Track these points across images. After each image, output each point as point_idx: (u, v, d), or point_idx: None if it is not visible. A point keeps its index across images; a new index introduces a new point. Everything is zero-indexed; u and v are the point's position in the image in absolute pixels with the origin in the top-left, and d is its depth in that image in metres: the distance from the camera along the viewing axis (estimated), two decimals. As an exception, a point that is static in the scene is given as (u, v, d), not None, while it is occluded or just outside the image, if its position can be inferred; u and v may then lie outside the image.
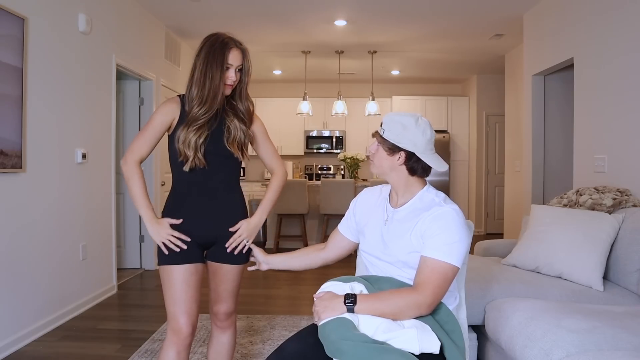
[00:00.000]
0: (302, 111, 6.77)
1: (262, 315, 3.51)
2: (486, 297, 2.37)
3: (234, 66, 1.76)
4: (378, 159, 1.60)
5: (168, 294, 1.76)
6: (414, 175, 1.58)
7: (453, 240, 1.45)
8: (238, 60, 1.77)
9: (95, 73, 3.89)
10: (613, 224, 2.51)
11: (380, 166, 1.60)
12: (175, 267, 1.75)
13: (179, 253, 1.76)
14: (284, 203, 6.16)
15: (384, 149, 1.57)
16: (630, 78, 3.18)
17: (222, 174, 1.82)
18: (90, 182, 3.81)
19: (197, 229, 1.80)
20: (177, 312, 1.74)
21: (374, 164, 1.63)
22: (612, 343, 1.71)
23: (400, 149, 1.54)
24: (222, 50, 1.74)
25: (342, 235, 1.80)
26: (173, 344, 1.75)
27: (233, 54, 1.76)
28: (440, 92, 8.55)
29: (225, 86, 1.76)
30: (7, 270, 2.85)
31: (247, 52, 1.81)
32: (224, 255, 1.84)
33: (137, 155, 1.79)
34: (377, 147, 1.60)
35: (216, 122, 1.79)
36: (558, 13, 4.14)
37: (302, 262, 1.85)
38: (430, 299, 1.42)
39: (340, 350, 1.31)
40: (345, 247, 1.82)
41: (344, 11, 4.91)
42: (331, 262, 1.86)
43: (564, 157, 4.59)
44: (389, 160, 1.57)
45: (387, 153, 1.57)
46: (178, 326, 1.74)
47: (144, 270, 5.02)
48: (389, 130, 1.55)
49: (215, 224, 1.82)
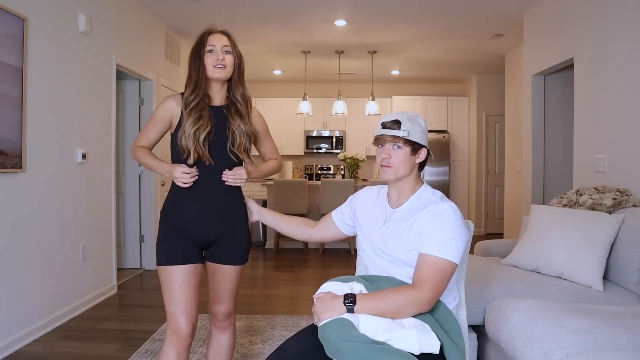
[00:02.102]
0: (302, 111, 6.77)
1: (262, 315, 3.51)
2: (486, 297, 2.37)
3: (218, 47, 1.78)
4: (400, 162, 1.56)
5: (167, 294, 1.75)
6: (421, 170, 1.65)
7: (450, 237, 1.45)
8: (221, 41, 1.79)
9: (95, 73, 3.89)
10: (613, 224, 2.50)
11: (403, 169, 1.57)
12: (174, 267, 1.75)
13: (177, 254, 1.75)
14: (284, 203, 6.16)
15: (407, 151, 1.56)
16: (630, 78, 3.18)
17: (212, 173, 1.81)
18: (90, 182, 3.81)
19: (195, 229, 1.79)
20: (176, 313, 1.74)
21: (393, 169, 1.57)
22: (612, 343, 1.71)
23: (422, 147, 1.59)
24: (201, 37, 1.80)
25: (333, 222, 1.84)
26: (173, 345, 1.74)
27: (213, 36, 1.79)
28: (440, 92, 8.55)
29: (214, 69, 1.77)
30: (7, 270, 2.85)
31: (231, 36, 1.83)
32: (223, 256, 1.84)
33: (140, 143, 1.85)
34: (397, 150, 1.56)
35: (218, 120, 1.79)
36: (558, 13, 4.14)
37: (289, 229, 1.91)
38: (429, 296, 1.42)
39: (340, 351, 1.31)
40: (331, 233, 1.85)
41: (344, 11, 4.91)
42: (315, 241, 1.99)
43: (564, 157, 4.59)
44: (411, 160, 1.58)
45: (411, 153, 1.58)
46: (178, 326, 1.74)
47: (144, 270, 5.01)
48: (413, 131, 1.56)
49: (214, 224, 1.81)
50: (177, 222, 1.79)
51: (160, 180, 5.18)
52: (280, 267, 5.43)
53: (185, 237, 1.78)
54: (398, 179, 1.59)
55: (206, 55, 1.77)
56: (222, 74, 1.78)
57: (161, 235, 1.80)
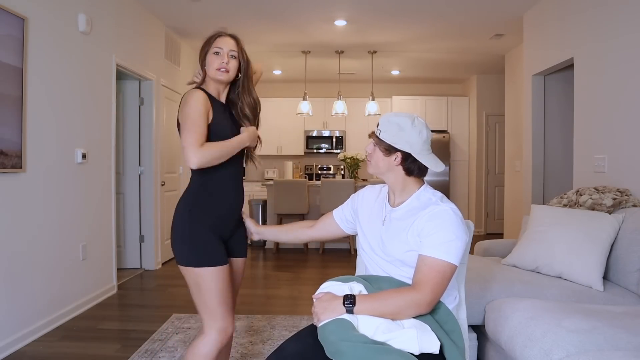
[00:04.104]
0: (302, 111, 6.77)
1: (262, 315, 3.51)
2: (486, 297, 2.37)
3: (225, 50, 1.77)
4: (375, 159, 1.61)
5: (212, 294, 1.70)
6: (410, 176, 1.58)
7: (450, 238, 1.45)
8: (228, 45, 1.78)
9: (95, 73, 3.89)
10: (613, 224, 2.51)
11: (377, 166, 1.61)
12: (222, 267, 1.72)
13: (220, 254, 1.73)
14: (284, 203, 6.16)
15: (380, 150, 1.58)
16: (630, 78, 3.18)
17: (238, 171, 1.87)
18: (90, 182, 3.81)
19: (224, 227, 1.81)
20: (224, 312, 1.72)
21: (371, 164, 1.63)
22: (612, 343, 1.71)
23: (397, 150, 1.55)
24: (209, 39, 1.80)
25: (334, 220, 1.85)
26: (219, 343, 1.72)
27: (221, 39, 1.79)
28: (440, 92, 8.55)
29: (217, 71, 1.76)
30: (7, 270, 2.85)
31: (240, 40, 1.83)
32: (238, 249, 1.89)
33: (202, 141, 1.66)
34: (373, 148, 1.60)
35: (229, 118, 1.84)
36: (558, 13, 4.14)
37: (289, 237, 1.95)
38: (429, 298, 1.42)
39: (340, 351, 1.31)
40: (332, 232, 1.87)
41: (344, 11, 4.91)
42: (317, 240, 1.95)
43: (564, 157, 4.59)
44: (385, 160, 1.58)
45: (384, 154, 1.57)
46: (225, 325, 1.73)
47: (144, 270, 5.01)
48: (385, 131, 1.55)
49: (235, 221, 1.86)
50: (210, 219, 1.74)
51: (161, 180, 5.18)
52: (280, 267, 5.43)
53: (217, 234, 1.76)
54: (381, 174, 1.62)
55: (212, 56, 1.77)
56: (223, 77, 1.78)
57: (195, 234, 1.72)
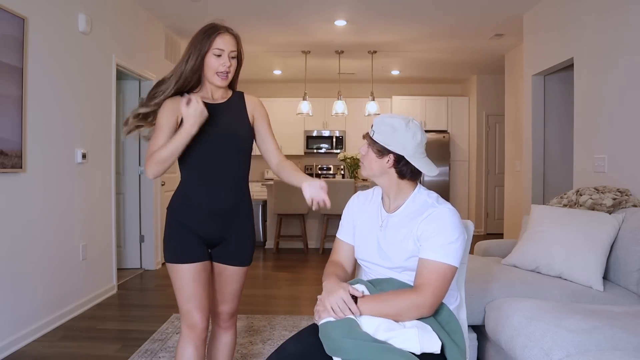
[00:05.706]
0: (302, 111, 6.77)
1: (262, 315, 3.51)
2: (486, 297, 2.37)
3: (227, 52, 1.67)
4: (368, 161, 1.58)
5: (180, 291, 1.74)
6: (403, 179, 1.56)
7: (450, 240, 1.45)
8: (231, 46, 1.68)
9: (95, 73, 3.89)
10: (613, 224, 2.51)
11: (370, 168, 1.58)
12: (184, 265, 1.72)
13: (186, 252, 1.73)
14: (284, 203, 6.16)
15: (373, 151, 1.56)
16: (630, 78, 3.18)
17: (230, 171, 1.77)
18: (90, 182, 3.81)
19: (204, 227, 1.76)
20: (190, 309, 1.73)
21: (364, 166, 1.61)
22: (612, 343, 1.71)
23: (389, 152, 1.53)
24: (207, 36, 1.65)
25: (345, 244, 1.72)
26: (190, 340, 1.74)
27: (223, 38, 1.66)
28: (440, 92, 8.55)
29: (216, 76, 1.69)
30: (7, 270, 2.85)
31: (239, 39, 1.73)
32: (229, 257, 1.82)
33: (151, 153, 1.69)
34: (367, 149, 1.58)
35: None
36: (558, 13, 4.14)
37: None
38: (430, 301, 1.42)
39: (341, 348, 1.31)
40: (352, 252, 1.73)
41: (344, 11, 4.91)
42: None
43: (564, 157, 4.59)
44: (378, 162, 1.55)
45: (377, 155, 1.55)
46: (193, 322, 1.73)
47: (144, 270, 5.01)
48: (379, 132, 1.54)
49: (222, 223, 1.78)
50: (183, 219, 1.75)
51: (161, 180, 5.17)
52: (280, 267, 5.43)
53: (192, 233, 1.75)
54: (375, 177, 1.59)
55: (211, 58, 1.67)
56: (223, 83, 1.73)
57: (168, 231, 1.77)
